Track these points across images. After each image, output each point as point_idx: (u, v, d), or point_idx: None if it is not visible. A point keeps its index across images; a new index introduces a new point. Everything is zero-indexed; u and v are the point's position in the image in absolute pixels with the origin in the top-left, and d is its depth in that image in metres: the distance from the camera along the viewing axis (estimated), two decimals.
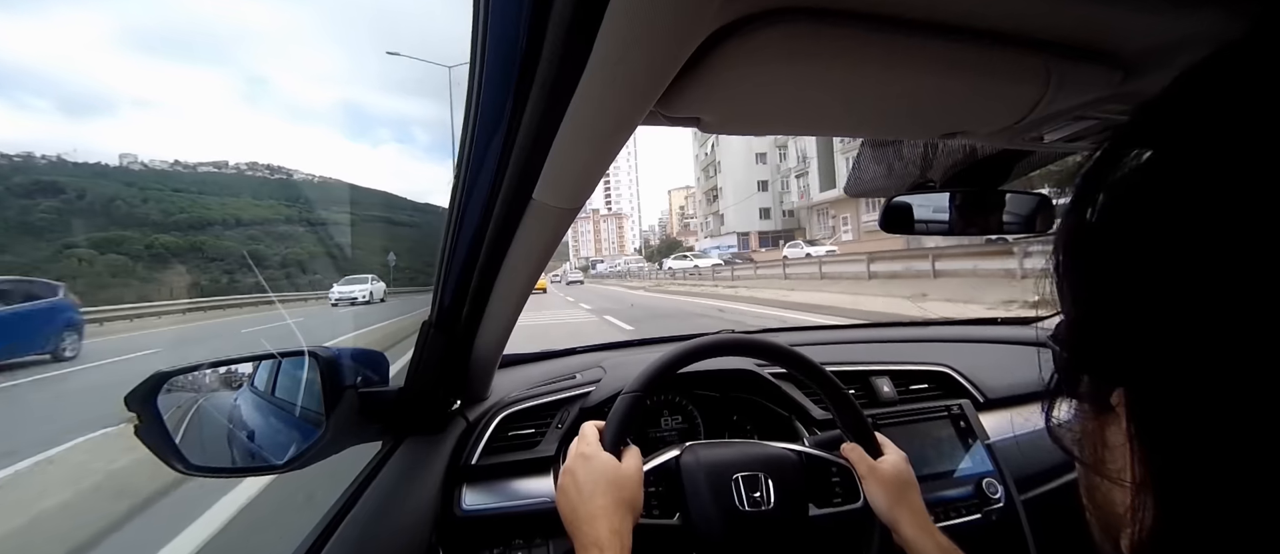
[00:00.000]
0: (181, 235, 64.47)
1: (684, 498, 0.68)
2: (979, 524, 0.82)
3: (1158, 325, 0.18)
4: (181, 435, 0.67)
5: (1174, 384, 0.18)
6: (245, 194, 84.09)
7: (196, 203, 73.13)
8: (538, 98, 0.39)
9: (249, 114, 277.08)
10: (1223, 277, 0.17)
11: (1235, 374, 0.17)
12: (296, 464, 0.67)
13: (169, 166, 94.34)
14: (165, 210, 69.65)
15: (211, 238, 65.65)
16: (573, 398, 0.89)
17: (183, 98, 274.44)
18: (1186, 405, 0.18)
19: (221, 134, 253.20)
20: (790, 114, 0.49)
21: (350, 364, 0.71)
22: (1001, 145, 0.68)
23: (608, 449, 0.63)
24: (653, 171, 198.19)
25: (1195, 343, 0.17)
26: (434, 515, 0.72)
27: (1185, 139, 0.19)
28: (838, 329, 1.53)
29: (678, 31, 0.32)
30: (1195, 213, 0.17)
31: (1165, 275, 0.18)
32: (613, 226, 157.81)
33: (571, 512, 0.58)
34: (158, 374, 0.65)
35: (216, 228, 68.61)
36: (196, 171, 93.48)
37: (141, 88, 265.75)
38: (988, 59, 0.41)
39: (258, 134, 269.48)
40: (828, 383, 0.73)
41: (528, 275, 0.67)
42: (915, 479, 0.69)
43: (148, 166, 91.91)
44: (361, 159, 67.05)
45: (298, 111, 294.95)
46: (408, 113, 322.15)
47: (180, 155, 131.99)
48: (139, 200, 69.81)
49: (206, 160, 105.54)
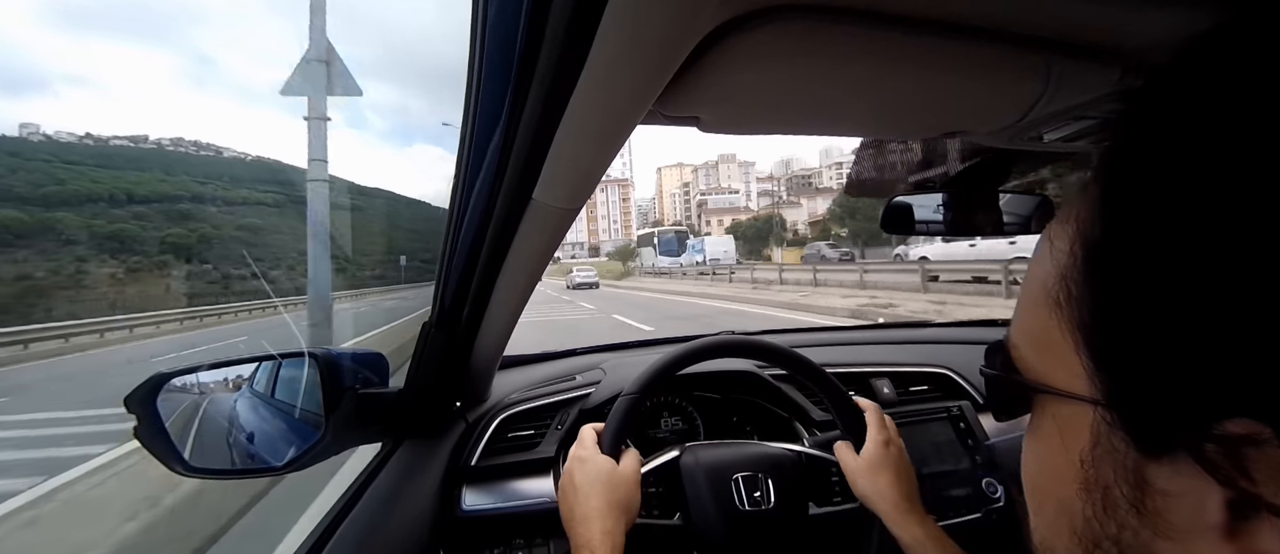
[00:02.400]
0: (35, 211, 53.67)
1: (684, 498, 0.68)
2: (979, 524, 0.82)
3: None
4: (181, 437, 0.67)
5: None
6: (155, 169, 75.18)
7: (83, 176, 63.75)
8: (537, 97, 0.39)
9: (195, 92, 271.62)
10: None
11: None
12: (296, 466, 0.67)
13: (77, 139, 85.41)
14: (35, 182, 60.80)
15: (85, 217, 54.94)
16: (573, 399, 0.89)
17: (120, 72, 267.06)
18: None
19: (161, 110, 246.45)
20: (789, 113, 0.49)
21: (350, 366, 0.71)
22: (1001, 145, 0.68)
23: (606, 452, 0.63)
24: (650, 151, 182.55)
25: None
26: (434, 516, 0.72)
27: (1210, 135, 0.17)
28: (837, 330, 1.53)
29: (677, 30, 0.32)
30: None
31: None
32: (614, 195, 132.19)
33: (568, 513, 0.60)
34: (157, 376, 0.65)
35: (101, 204, 59.03)
36: (108, 145, 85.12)
37: (74, 64, 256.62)
38: (988, 57, 0.41)
39: (204, 112, 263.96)
40: (818, 376, 0.73)
41: (528, 276, 0.67)
42: (898, 464, 0.66)
43: (51, 138, 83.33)
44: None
45: (246, 92, 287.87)
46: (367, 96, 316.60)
47: (98, 129, 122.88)
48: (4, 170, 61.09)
49: (123, 134, 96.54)
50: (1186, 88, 0.19)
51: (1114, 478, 0.20)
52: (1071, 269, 0.21)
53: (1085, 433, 0.21)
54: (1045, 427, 0.24)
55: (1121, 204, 0.20)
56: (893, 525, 0.62)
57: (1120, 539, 0.20)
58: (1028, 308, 0.25)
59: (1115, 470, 0.20)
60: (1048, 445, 0.24)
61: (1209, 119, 0.17)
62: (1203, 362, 0.17)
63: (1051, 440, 0.24)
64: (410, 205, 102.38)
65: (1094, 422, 0.21)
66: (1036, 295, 0.24)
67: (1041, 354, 0.24)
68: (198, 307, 20.33)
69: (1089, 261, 0.21)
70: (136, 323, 17.46)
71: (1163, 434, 0.19)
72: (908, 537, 0.60)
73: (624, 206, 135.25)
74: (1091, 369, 0.21)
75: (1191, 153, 0.17)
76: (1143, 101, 0.20)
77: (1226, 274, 0.16)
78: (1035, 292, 0.24)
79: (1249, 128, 0.16)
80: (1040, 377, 0.24)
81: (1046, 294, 0.23)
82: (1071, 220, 0.22)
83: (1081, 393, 0.21)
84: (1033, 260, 0.25)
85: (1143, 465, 0.19)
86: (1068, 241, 0.22)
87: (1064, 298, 0.22)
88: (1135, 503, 0.20)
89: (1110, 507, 0.20)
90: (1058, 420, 0.23)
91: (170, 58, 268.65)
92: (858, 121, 0.57)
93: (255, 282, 44.03)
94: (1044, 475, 0.25)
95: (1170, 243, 0.18)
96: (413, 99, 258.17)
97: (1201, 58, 0.19)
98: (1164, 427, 0.19)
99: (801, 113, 0.50)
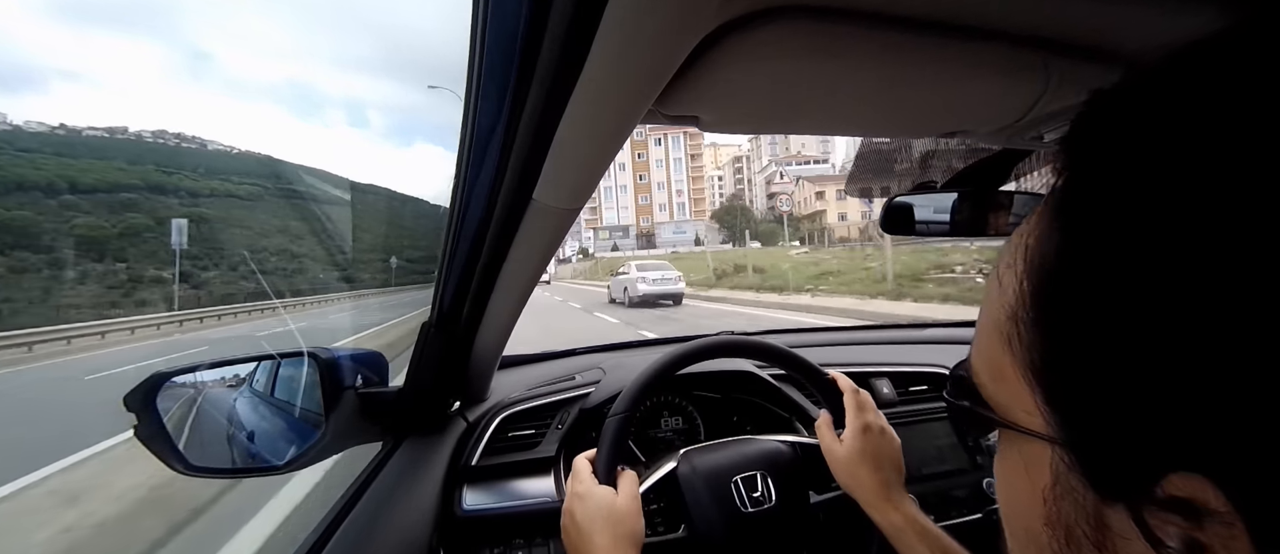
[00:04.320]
0: None
1: (686, 510, 0.68)
2: (979, 524, 0.82)
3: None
4: (181, 436, 0.67)
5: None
6: (118, 159, 67.28)
7: (27, 163, 56.34)
8: (537, 97, 0.39)
9: (191, 86, 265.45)
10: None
11: None
12: (296, 465, 0.67)
13: (50, 129, 78.00)
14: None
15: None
16: (572, 398, 0.89)
17: (117, 68, 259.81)
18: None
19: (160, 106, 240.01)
20: (788, 112, 0.49)
21: (350, 365, 0.71)
22: (1001, 145, 0.68)
23: (602, 479, 0.61)
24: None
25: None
26: (434, 516, 0.72)
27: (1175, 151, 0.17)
28: (837, 330, 1.53)
29: (677, 30, 0.32)
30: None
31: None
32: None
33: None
34: (157, 375, 0.65)
35: (35, 193, 50.44)
36: (80, 136, 77.59)
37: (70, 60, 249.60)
38: (987, 57, 0.41)
39: (198, 106, 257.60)
40: (787, 358, 0.73)
41: (528, 276, 0.67)
42: (876, 452, 0.65)
43: (19, 128, 76.46)
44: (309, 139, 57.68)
45: (241, 86, 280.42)
46: (365, 95, 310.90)
47: (70, 121, 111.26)
48: None
49: (98, 125, 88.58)
50: (1130, 125, 0.18)
51: (1075, 517, 0.20)
52: (1021, 305, 0.21)
53: (1046, 470, 0.21)
54: (1010, 457, 0.24)
55: (1070, 245, 0.19)
56: (872, 513, 0.62)
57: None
58: (984, 339, 0.24)
59: (1075, 510, 0.20)
60: (1014, 475, 0.23)
61: (1153, 166, 0.17)
62: (1147, 413, 0.17)
63: (1017, 471, 0.23)
64: (405, 202, 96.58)
65: (1053, 460, 0.21)
66: (990, 329, 0.23)
67: (1000, 386, 0.23)
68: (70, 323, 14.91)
69: (1037, 300, 0.20)
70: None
71: (1113, 484, 0.18)
72: (887, 524, 0.60)
73: (695, 170, 76.51)
74: (1046, 409, 0.20)
75: (1146, 201, 0.17)
76: (1083, 140, 0.20)
77: (1171, 324, 0.16)
78: (988, 325, 0.23)
79: (1196, 177, 0.16)
80: (1000, 408, 0.23)
81: (999, 331, 0.22)
82: (1020, 254, 0.21)
83: (1039, 430, 0.21)
84: (986, 290, 0.24)
85: (1101, 508, 0.19)
86: (1016, 278, 0.21)
87: (1015, 334, 0.21)
88: (1097, 544, 0.19)
89: (1074, 544, 0.20)
90: (1022, 454, 0.23)
91: (164, 51, 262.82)
92: (858, 121, 0.57)
93: (186, 285, 36.82)
94: (1012, 504, 0.24)
95: (1120, 286, 0.17)
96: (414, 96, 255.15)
97: (1138, 96, 0.18)
98: (1113, 477, 0.18)
99: (801, 112, 0.50)
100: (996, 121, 0.52)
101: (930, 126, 0.57)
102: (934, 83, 0.44)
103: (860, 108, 0.49)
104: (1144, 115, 0.18)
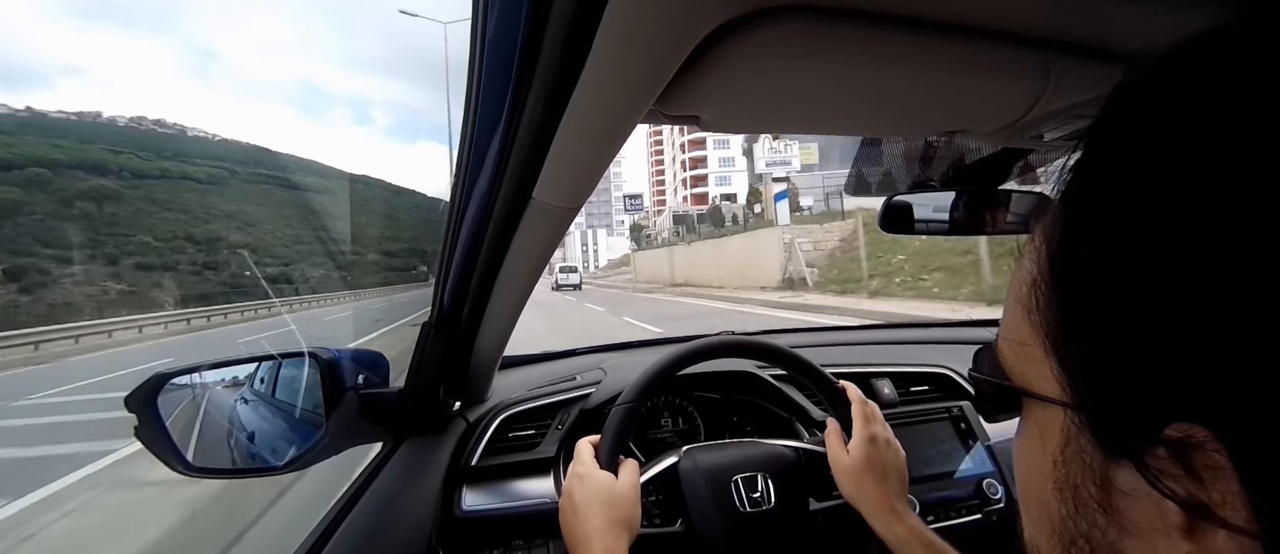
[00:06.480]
0: None
1: (684, 504, 0.68)
2: (979, 525, 0.82)
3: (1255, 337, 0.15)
4: (181, 436, 0.67)
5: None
6: (71, 139, 61.71)
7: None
8: (537, 96, 0.39)
9: (195, 83, 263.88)
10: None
11: None
12: (297, 465, 0.67)
13: (11, 112, 73.87)
14: None
15: None
16: (573, 399, 0.89)
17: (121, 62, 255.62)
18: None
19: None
20: (788, 112, 0.49)
21: (350, 365, 0.71)
22: (1001, 144, 0.68)
23: (604, 465, 0.62)
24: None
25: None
26: (434, 516, 0.72)
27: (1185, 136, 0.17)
28: (838, 330, 1.53)
29: (677, 29, 0.32)
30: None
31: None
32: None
33: (569, 534, 0.59)
34: (158, 375, 0.65)
35: None
36: (47, 118, 73.76)
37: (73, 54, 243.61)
38: (988, 56, 0.41)
39: (205, 103, 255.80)
40: (796, 363, 0.73)
41: (528, 276, 0.67)
42: (882, 463, 0.65)
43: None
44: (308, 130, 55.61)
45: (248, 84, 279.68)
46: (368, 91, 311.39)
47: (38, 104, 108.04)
48: None
49: (70, 109, 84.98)
50: (1144, 106, 0.19)
51: (1083, 478, 0.21)
52: (1040, 275, 0.22)
53: (1059, 434, 0.22)
54: (1028, 428, 0.25)
55: (1081, 215, 0.21)
56: (876, 525, 0.62)
57: (1091, 537, 0.21)
58: (1009, 314, 0.25)
59: (1083, 471, 0.21)
60: (1030, 446, 0.25)
61: (1167, 143, 0.18)
62: (1151, 367, 0.18)
63: (1033, 441, 0.24)
64: (399, 193, 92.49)
65: (1065, 424, 0.22)
66: (1013, 302, 0.25)
67: (1021, 357, 0.24)
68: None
69: (1053, 268, 0.22)
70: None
71: (1120, 438, 0.19)
72: (891, 537, 0.60)
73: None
74: (1060, 373, 0.22)
75: (1146, 175, 0.18)
76: (1103, 119, 0.21)
77: (1172, 284, 0.17)
78: (1012, 299, 0.25)
79: (1206, 152, 0.17)
80: (1021, 379, 0.25)
81: (1021, 302, 0.23)
82: (1042, 227, 0.23)
83: (1054, 396, 0.22)
84: (1016, 264, 0.26)
85: (1107, 467, 0.20)
86: (1037, 248, 0.23)
87: (1035, 303, 0.22)
88: (1102, 503, 0.20)
89: (1081, 506, 0.21)
90: (1038, 423, 0.24)
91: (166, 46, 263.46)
92: (858, 121, 0.57)
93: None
94: (1028, 475, 0.25)
95: (1125, 252, 0.18)
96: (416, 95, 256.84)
97: (1160, 80, 0.19)
98: (1120, 431, 0.19)
99: (802, 112, 0.50)
100: (997, 121, 0.52)
101: (930, 126, 0.57)
102: (934, 82, 0.44)
103: (860, 107, 0.49)
104: (1150, 94, 0.19)
